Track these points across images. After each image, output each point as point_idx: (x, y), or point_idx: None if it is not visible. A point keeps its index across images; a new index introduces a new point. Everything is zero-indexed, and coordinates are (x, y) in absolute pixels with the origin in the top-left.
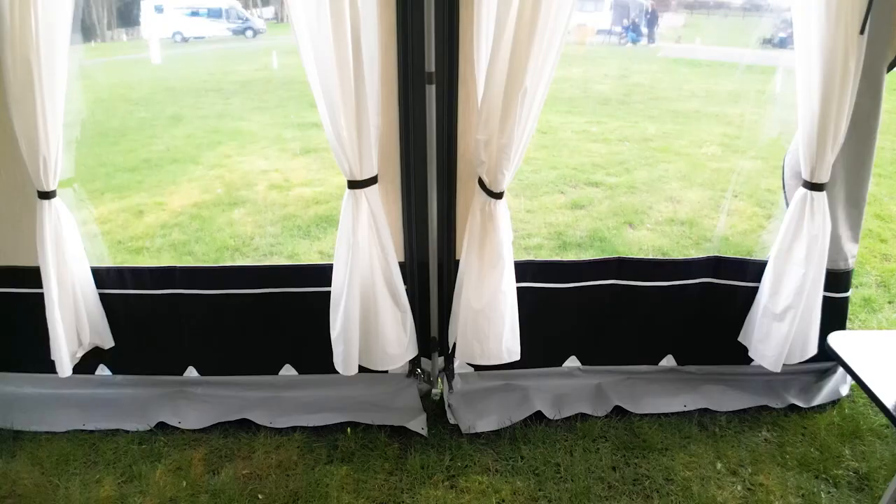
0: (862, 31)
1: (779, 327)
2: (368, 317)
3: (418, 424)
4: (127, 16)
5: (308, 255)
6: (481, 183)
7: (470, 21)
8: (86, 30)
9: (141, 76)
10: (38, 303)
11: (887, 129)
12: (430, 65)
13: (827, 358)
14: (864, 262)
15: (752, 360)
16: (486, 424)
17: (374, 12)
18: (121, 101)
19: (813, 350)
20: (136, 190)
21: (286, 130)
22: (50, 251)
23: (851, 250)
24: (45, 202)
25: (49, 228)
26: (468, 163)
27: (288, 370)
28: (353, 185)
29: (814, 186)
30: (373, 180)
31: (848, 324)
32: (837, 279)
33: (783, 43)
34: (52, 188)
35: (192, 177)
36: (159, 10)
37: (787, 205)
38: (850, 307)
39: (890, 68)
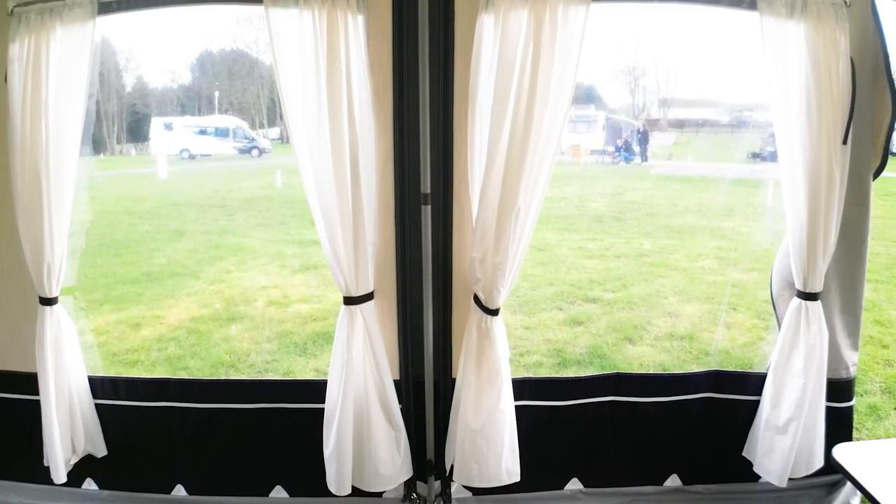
0: (844, 141)
1: (782, 440)
2: (362, 435)
3: None
4: (137, 131)
5: (304, 373)
6: (477, 300)
7: (463, 144)
8: (96, 143)
9: (147, 190)
10: (30, 410)
11: (881, 235)
12: (426, 186)
13: (835, 470)
14: (867, 368)
15: (759, 476)
16: None
17: (371, 136)
18: (125, 214)
19: (819, 463)
20: (135, 302)
21: (287, 247)
22: (49, 357)
23: (852, 358)
24: (47, 308)
25: (49, 334)
26: (464, 280)
27: (279, 492)
28: (349, 301)
29: (808, 296)
30: (369, 297)
31: (854, 433)
32: (840, 388)
33: (772, 156)
34: (54, 295)
35: (192, 291)
36: (168, 127)
37: (777, 315)
38: (855, 416)
39: (875, 175)
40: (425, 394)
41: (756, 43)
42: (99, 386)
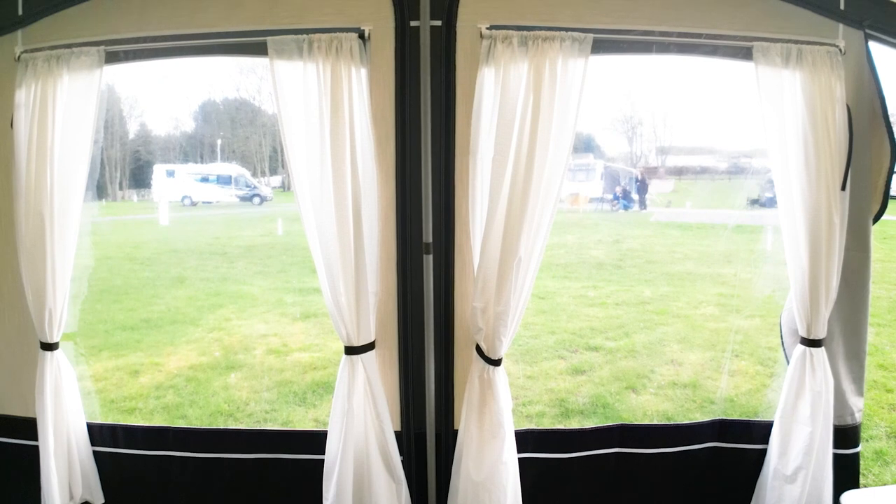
0: (843, 187)
1: (791, 489)
2: (362, 487)
3: None
4: (139, 178)
5: (303, 423)
6: (479, 350)
7: (465, 193)
8: (98, 188)
9: (148, 236)
10: (29, 455)
11: (881, 278)
12: (428, 235)
13: None
14: (872, 413)
15: None
16: None
17: (374, 185)
18: (126, 260)
19: None
20: (134, 349)
21: (287, 295)
22: (49, 403)
23: (857, 404)
24: (48, 353)
25: (49, 380)
26: (465, 330)
27: None
28: (350, 350)
29: (811, 343)
30: (370, 346)
31: (861, 479)
32: (846, 435)
33: (770, 203)
34: (55, 340)
35: (191, 338)
36: (171, 174)
37: (788, 363)
38: (862, 461)
39: (876, 220)
40: (427, 445)
41: (753, 91)
42: (97, 433)
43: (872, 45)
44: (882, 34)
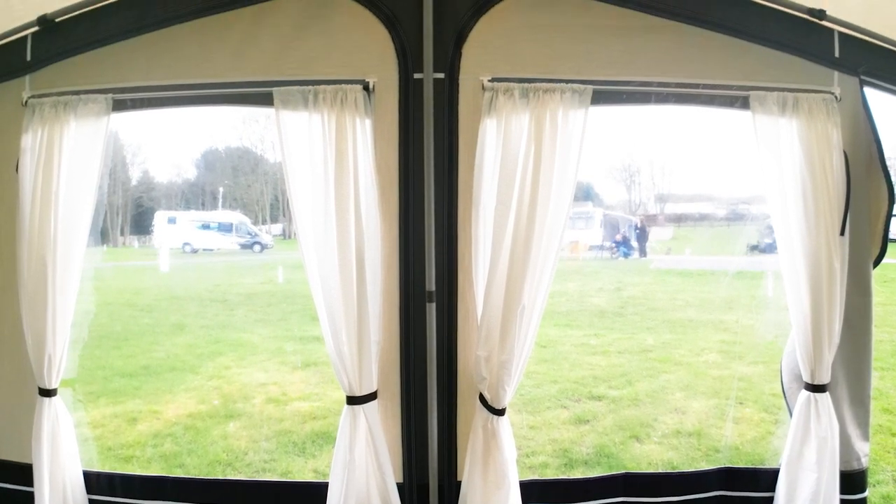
0: (842, 232)
1: None
2: None
3: None
4: (141, 224)
5: (302, 474)
6: (482, 399)
7: (468, 242)
8: (100, 234)
9: (148, 283)
10: (24, 501)
11: (883, 322)
12: (431, 283)
13: None
14: (878, 458)
15: None
16: None
17: (377, 234)
18: (126, 306)
19: None
20: (132, 396)
21: (287, 343)
22: (45, 449)
23: (863, 449)
24: (46, 400)
25: (47, 427)
26: (469, 379)
27: None
28: (352, 400)
29: (816, 388)
30: (372, 396)
31: None
32: (852, 480)
33: (769, 248)
34: (53, 386)
35: (190, 386)
36: (172, 221)
37: (790, 409)
38: None
39: (876, 264)
40: (430, 497)
41: (750, 139)
42: (94, 481)
43: (868, 90)
44: (877, 80)
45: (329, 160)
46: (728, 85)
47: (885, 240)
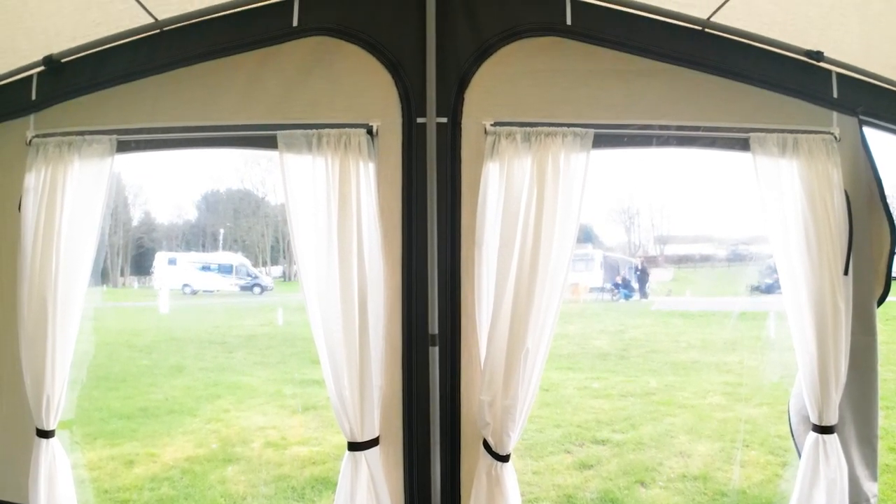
0: (846, 272)
1: None
2: None
3: None
4: (141, 265)
5: None
6: (486, 445)
7: (471, 285)
8: (101, 274)
9: (147, 324)
10: None
11: (887, 360)
12: (434, 327)
13: None
14: (886, 498)
15: None
16: None
17: (380, 277)
18: (125, 347)
19: None
20: (130, 438)
21: (286, 386)
22: (42, 491)
23: (872, 489)
24: (43, 441)
25: (44, 468)
26: (472, 424)
27: None
28: (354, 447)
29: (823, 430)
30: (374, 442)
31: None
32: None
33: (770, 289)
34: (51, 427)
35: (188, 429)
36: (172, 262)
37: (798, 451)
38: None
39: (880, 303)
40: None
41: (751, 180)
42: None
43: (867, 130)
44: (876, 120)
45: (332, 203)
46: (728, 127)
47: (889, 278)
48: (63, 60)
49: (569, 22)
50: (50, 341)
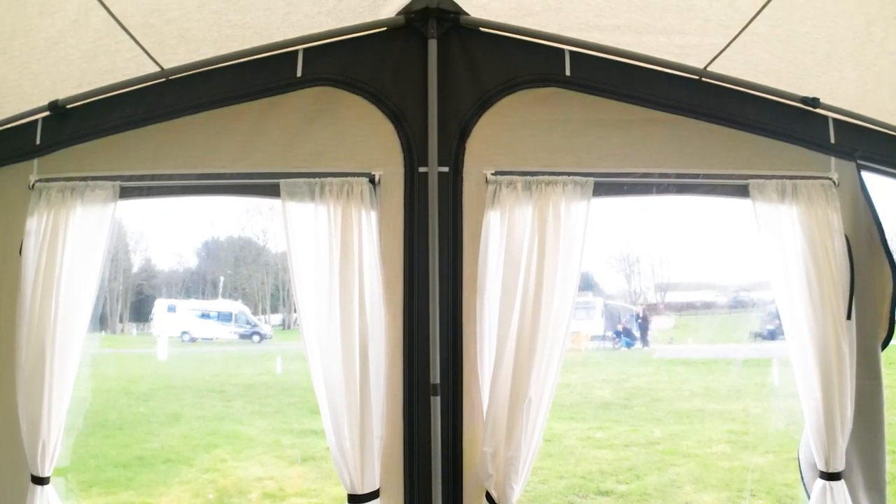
0: (849, 316)
1: None
2: None
3: None
4: (140, 311)
5: None
6: (489, 498)
7: (473, 334)
8: (99, 320)
9: (145, 371)
10: None
11: (892, 405)
12: (435, 376)
13: None
14: None
15: None
16: None
17: (381, 326)
18: (122, 394)
19: None
20: (125, 487)
21: (284, 436)
22: None
23: None
24: (38, 488)
25: None
26: (474, 476)
27: None
28: (354, 499)
29: (831, 476)
30: (374, 494)
31: None
32: None
33: (772, 335)
34: (47, 474)
35: (185, 479)
36: (172, 309)
37: (808, 496)
38: None
39: (884, 346)
40: None
41: (751, 226)
42: None
43: (865, 174)
44: (874, 164)
45: (334, 251)
46: (727, 174)
47: (892, 322)
48: (68, 106)
49: (568, 73)
50: (47, 386)
